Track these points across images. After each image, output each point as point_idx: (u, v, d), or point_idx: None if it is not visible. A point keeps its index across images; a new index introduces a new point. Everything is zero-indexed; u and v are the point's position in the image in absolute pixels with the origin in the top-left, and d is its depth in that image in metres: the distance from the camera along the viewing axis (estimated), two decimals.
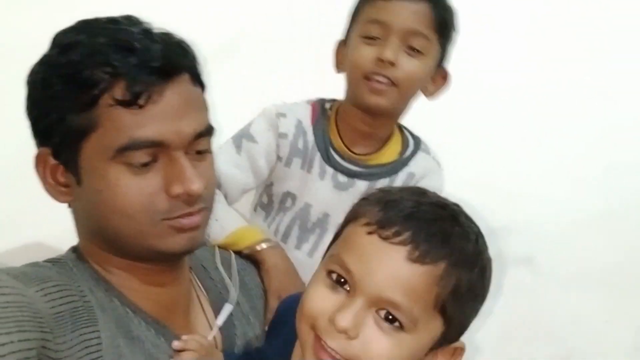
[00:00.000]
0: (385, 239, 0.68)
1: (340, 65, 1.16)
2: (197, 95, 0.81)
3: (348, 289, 0.69)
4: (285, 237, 1.18)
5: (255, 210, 1.24)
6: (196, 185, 0.76)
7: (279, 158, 1.16)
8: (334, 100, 1.20)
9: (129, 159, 0.74)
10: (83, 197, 0.78)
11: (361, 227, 0.70)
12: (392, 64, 1.06)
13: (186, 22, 1.40)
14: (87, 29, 0.77)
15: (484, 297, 0.75)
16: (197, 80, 0.82)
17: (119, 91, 0.73)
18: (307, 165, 1.16)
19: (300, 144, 1.15)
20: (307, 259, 1.16)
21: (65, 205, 0.83)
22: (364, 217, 0.71)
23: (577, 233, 1.53)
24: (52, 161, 0.78)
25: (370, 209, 0.71)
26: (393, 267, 0.67)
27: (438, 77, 1.16)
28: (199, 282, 0.93)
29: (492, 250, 1.59)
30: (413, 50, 1.08)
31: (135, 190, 0.75)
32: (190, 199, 0.77)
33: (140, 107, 0.74)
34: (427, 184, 1.15)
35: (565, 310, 1.56)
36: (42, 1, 1.43)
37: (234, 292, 0.94)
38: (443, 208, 0.72)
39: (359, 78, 1.09)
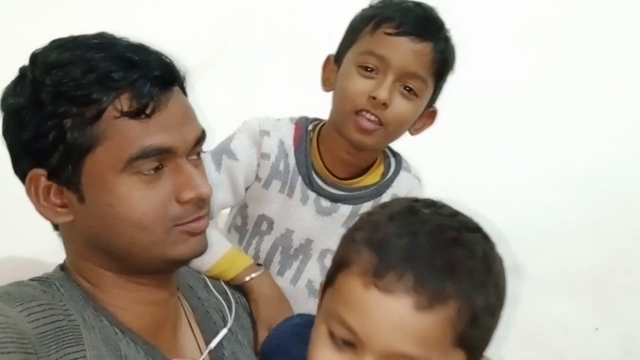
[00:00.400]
0: (385, 290, 0.61)
1: (327, 84, 1.11)
2: (189, 104, 0.83)
3: (354, 345, 0.64)
4: (267, 262, 1.14)
5: (229, 231, 1.20)
6: (206, 189, 0.78)
7: (257, 178, 1.11)
8: (316, 120, 1.15)
9: (140, 168, 0.75)
10: (87, 215, 0.77)
11: (356, 279, 0.63)
12: (384, 105, 1.01)
13: (171, 31, 1.41)
14: (70, 46, 0.77)
15: (502, 304, 0.69)
16: (184, 91, 0.83)
17: (124, 103, 0.73)
18: (288, 189, 1.11)
19: (281, 167, 1.10)
20: (289, 287, 1.12)
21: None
22: (356, 264, 0.64)
23: (564, 240, 1.54)
24: (45, 182, 0.76)
25: (361, 254, 0.63)
26: (400, 320, 0.61)
27: (425, 115, 1.11)
28: (186, 302, 0.93)
29: None
30: (407, 91, 1.03)
31: (149, 201, 0.75)
32: (200, 202, 0.79)
33: (148, 116, 0.74)
34: None
35: (554, 317, 1.56)
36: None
37: (229, 316, 0.93)
38: (441, 232, 0.65)
39: (348, 111, 1.03)
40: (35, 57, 0.77)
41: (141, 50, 0.77)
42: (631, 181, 1.54)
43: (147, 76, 0.74)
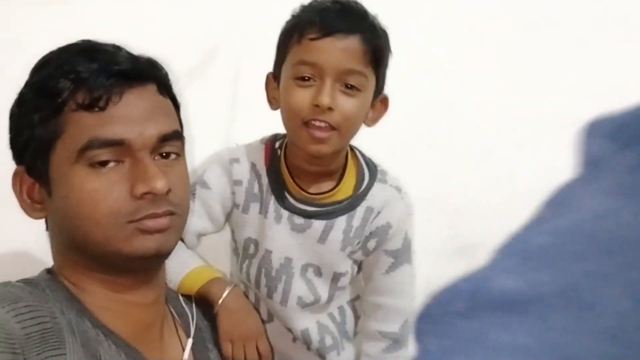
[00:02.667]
0: None
1: (274, 102, 1.10)
2: (164, 104, 0.82)
3: None
4: (257, 286, 1.15)
5: (233, 254, 1.23)
6: (160, 183, 0.76)
7: (235, 205, 1.13)
8: (284, 136, 1.14)
9: (92, 159, 0.75)
10: (54, 209, 0.79)
11: None
12: (330, 109, 1.00)
13: (157, 40, 1.41)
14: (60, 49, 0.80)
15: None
16: (167, 93, 0.83)
17: (81, 96, 0.75)
18: (263, 210, 1.12)
19: (255, 189, 1.12)
20: (280, 308, 1.14)
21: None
22: None
23: None
24: (28, 179, 0.80)
25: None
26: None
27: (378, 104, 1.10)
28: (172, 309, 0.94)
29: (465, 269, 1.61)
30: (350, 88, 1.02)
31: (100, 193, 0.75)
32: (154, 198, 0.76)
33: (101, 109, 0.75)
34: (387, 215, 1.11)
35: None
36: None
37: (192, 325, 0.95)
38: None
39: (298, 125, 1.03)
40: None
41: (115, 48, 0.79)
42: None
43: (105, 69, 0.75)
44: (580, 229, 1.55)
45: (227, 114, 1.48)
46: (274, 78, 1.09)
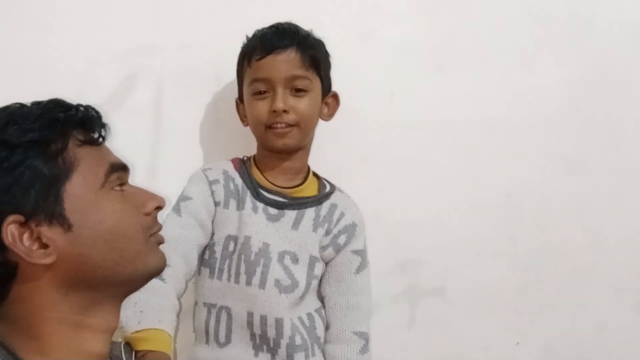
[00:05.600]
0: None
1: (244, 120, 1.32)
2: None
3: None
4: (237, 277, 1.24)
5: (199, 273, 1.29)
6: (161, 198, 0.88)
7: (216, 204, 1.27)
8: (248, 156, 1.35)
9: (113, 183, 0.82)
10: (75, 242, 0.77)
11: None
12: (285, 111, 1.23)
13: (75, 67, 1.35)
14: (7, 109, 0.81)
15: None
16: None
17: (80, 135, 0.81)
18: (240, 205, 1.27)
19: (231, 187, 1.28)
20: (259, 292, 1.23)
21: None
22: None
23: (481, 260, 1.58)
24: (28, 227, 0.76)
25: None
26: None
27: (330, 101, 1.34)
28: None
29: (406, 284, 1.62)
30: (299, 91, 1.25)
31: (128, 212, 0.82)
32: (156, 213, 0.87)
33: (100, 144, 0.84)
34: (352, 215, 1.34)
35: (477, 336, 1.59)
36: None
37: None
38: None
39: (263, 129, 1.26)
40: None
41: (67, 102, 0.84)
42: (540, 198, 1.59)
43: (89, 113, 0.83)
44: None
45: (150, 143, 1.43)
46: (241, 101, 1.32)
